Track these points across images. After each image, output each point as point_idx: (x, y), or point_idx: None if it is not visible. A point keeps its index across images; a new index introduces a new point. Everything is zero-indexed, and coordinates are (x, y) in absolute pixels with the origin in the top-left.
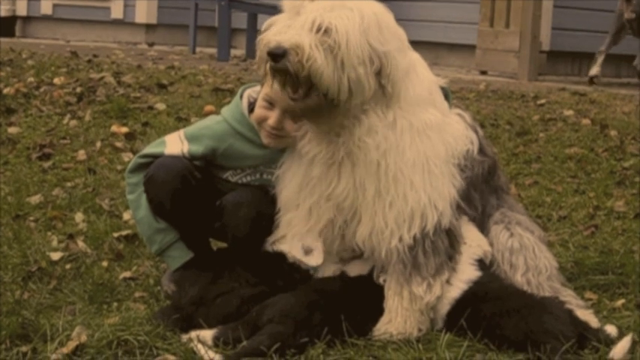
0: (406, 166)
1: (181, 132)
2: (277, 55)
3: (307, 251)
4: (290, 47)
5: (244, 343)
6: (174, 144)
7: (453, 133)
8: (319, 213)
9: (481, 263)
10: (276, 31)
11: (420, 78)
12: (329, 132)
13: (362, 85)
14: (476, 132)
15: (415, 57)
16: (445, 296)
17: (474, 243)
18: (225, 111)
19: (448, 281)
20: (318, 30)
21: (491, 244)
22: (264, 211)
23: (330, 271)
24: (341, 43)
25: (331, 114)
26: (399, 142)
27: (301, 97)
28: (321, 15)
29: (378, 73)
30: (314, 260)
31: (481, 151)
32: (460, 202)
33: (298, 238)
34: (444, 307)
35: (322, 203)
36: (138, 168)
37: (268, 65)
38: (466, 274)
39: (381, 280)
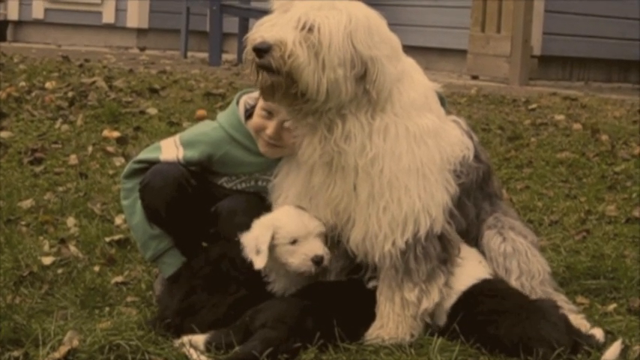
0: (402, 172)
1: (177, 137)
2: (261, 51)
3: (258, 251)
4: (274, 43)
5: (236, 348)
6: (170, 150)
7: (449, 139)
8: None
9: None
10: (262, 29)
11: (415, 83)
12: (311, 133)
13: (339, 87)
14: (471, 138)
15: (410, 62)
16: (453, 289)
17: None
18: (222, 117)
19: (448, 284)
20: (303, 28)
21: (484, 250)
22: (258, 218)
23: (281, 286)
24: (323, 42)
25: (298, 105)
26: (394, 148)
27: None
28: (307, 13)
29: (362, 78)
30: (258, 262)
31: (476, 157)
32: (453, 209)
33: (256, 236)
34: (452, 298)
35: (321, 209)
36: (133, 173)
37: (255, 64)
38: (478, 272)
39: (370, 285)
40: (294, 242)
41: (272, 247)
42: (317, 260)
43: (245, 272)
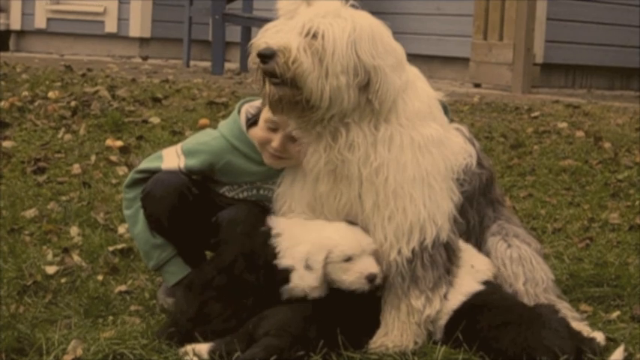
0: (406, 181)
1: (179, 146)
2: (265, 56)
3: (308, 267)
4: (278, 49)
5: (239, 355)
6: (171, 158)
7: (453, 147)
8: None
9: (487, 283)
10: (267, 35)
11: (419, 93)
12: (317, 141)
13: (341, 95)
14: (473, 145)
15: (414, 71)
16: (445, 307)
17: (482, 267)
18: (223, 126)
19: (446, 296)
20: (307, 34)
21: (489, 256)
22: (259, 228)
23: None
24: (327, 49)
25: (307, 116)
26: (399, 158)
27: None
28: (311, 20)
29: (365, 88)
30: (309, 279)
31: (479, 163)
32: (457, 216)
33: (308, 251)
34: (443, 318)
35: (327, 217)
36: (135, 183)
37: (260, 70)
38: (466, 286)
39: (378, 294)
40: (348, 260)
41: (324, 265)
42: (371, 278)
43: (262, 273)
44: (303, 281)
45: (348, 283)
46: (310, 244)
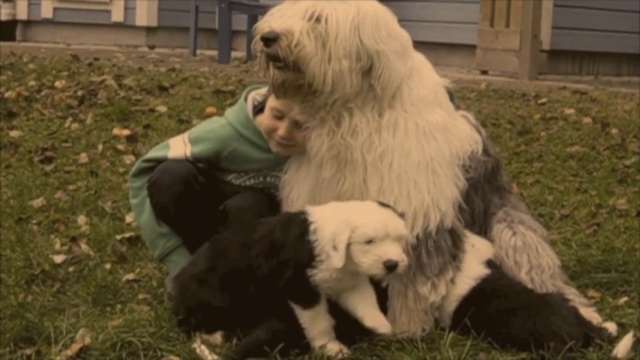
0: (411, 167)
1: (185, 135)
2: (269, 40)
3: (335, 247)
4: (281, 32)
5: (243, 339)
6: (178, 147)
7: (459, 134)
8: None
9: (490, 263)
10: (271, 19)
11: (424, 79)
12: (320, 126)
13: (343, 79)
14: (479, 132)
15: (420, 58)
16: (452, 293)
17: (482, 247)
18: (230, 114)
19: (453, 280)
20: (311, 18)
21: (494, 243)
22: (267, 215)
23: (325, 278)
24: (330, 32)
25: (310, 100)
26: (403, 144)
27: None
28: (315, 4)
29: (368, 73)
30: (334, 260)
31: (485, 151)
32: (462, 203)
33: (334, 231)
34: (452, 305)
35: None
36: (141, 172)
37: (264, 54)
38: (474, 271)
39: (383, 283)
40: (369, 242)
41: (347, 245)
42: (389, 265)
43: (283, 270)
44: (330, 263)
45: (366, 267)
46: (337, 222)
